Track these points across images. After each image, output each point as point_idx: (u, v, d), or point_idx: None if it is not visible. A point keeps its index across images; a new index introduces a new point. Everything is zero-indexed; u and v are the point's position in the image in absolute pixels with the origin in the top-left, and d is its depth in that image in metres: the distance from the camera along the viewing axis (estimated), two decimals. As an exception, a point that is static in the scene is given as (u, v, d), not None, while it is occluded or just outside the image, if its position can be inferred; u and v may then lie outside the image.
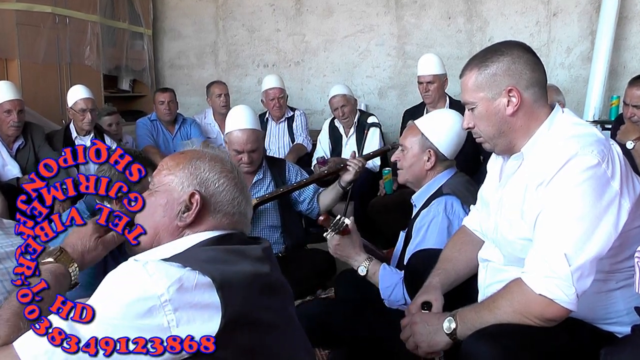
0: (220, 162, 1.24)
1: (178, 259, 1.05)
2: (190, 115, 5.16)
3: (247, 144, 2.79)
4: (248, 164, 2.83)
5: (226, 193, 1.21)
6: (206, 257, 1.07)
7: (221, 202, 1.20)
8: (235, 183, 1.23)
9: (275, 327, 1.11)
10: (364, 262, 1.96)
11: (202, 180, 1.20)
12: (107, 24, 5.24)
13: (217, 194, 1.20)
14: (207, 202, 1.19)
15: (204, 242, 1.15)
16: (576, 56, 5.08)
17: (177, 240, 1.17)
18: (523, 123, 1.50)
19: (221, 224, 1.20)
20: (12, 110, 3.47)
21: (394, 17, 5.54)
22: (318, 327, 2.01)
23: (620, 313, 1.48)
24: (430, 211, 2.03)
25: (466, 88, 1.55)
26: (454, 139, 2.12)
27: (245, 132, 2.79)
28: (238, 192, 1.23)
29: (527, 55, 1.51)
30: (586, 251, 1.34)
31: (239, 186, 1.24)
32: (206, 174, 1.21)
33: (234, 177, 1.23)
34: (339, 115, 4.37)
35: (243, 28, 6.01)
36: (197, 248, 1.13)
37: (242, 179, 1.27)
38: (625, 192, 1.39)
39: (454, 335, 1.46)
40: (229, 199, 1.21)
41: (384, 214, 3.59)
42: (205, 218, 1.19)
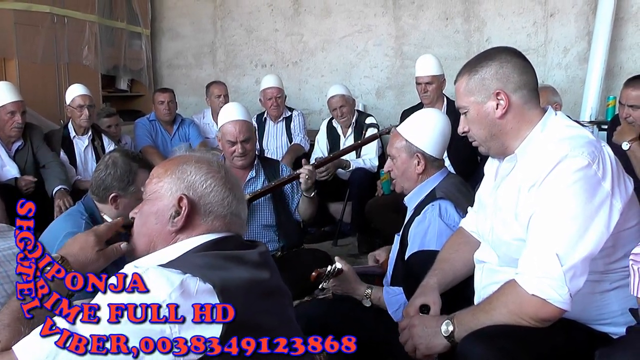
0: (207, 163, 1.24)
1: (175, 265, 1.05)
2: (188, 115, 5.17)
3: (240, 133, 2.83)
4: (241, 154, 2.87)
5: (215, 194, 1.21)
6: (204, 263, 1.08)
7: (210, 203, 1.20)
8: (224, 183, 1.22)
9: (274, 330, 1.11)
10: (365, 293, 1.99)
11: (190, 183, 1.21)
12: (105, 24, 5.24)
13: (205, 195, 1.20)
14: (196, 204, 1.19)
15: (199, 247, 1.16)
16: (573, 57, 5.09)
17: (172, 246, 1.18)
18: (513, 125, 1.53)
19: (214, 227, 1.20)
20: (16, 111, 3.48)
21: (392, 17, 5.55)
22: (316, 328, 2.02)
23: (615, 314, 1.49)
24: (425, 217, 2.03)
25: (458, 93, 1.60)
26: (438, 138, 2.11)
27: (237, 123, 2.85)
28: (227, 191, 1.22)
29: (515, 59, 1.54)
30: (578, 251, 1.36)
31: (228, 185, 1.23)
32: (193, 177, 1.21)
33: (222, 177, 1.23)
34: (337, 116, 4.38)
35: (241, 28, 6.02)
36: (192, 254, 1.14)
37: (232, 178, 1.26)
38: (616, 192, 1.41)
39: (451, 337, 1.47)
40: (219, 199, 1.21)
41: (381, 215, 3.60)
42: (197, 222, 1.19)
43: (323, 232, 4.31)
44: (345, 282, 2.00)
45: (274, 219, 2.97)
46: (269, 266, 1.20)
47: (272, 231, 2.97)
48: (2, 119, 3.47)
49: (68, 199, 3.35)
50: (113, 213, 2.11)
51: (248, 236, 2.86)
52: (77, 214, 2.13)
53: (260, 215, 2.95)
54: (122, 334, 0.95)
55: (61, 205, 3.29)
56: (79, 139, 3.92)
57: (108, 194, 2.07)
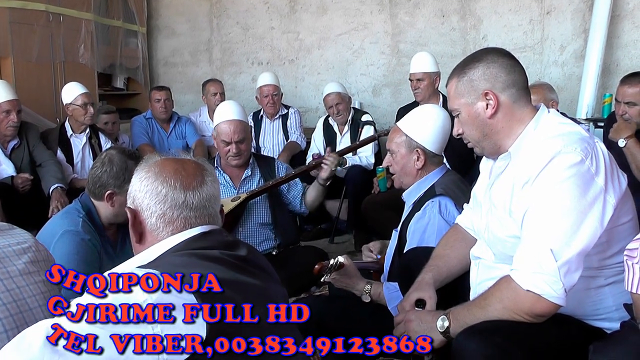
0: (144, 164, 1.22)
1: (153, 266, 1.04)
2: (184, 113, 5.17)
3: (235, 134, 2.83)
4: (236, 154, 2.87)
5: (149, 194, 1.17)
6: (181, 263, 1.06)
7: (148, 205, 1.17)
8: (155, 174, 1.17)
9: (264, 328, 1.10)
10: (364, 288, 2.00)
11: (130, 193, 1.21)
12: (101, 22, 5.24)
13: (141, 199, 1.18)
14: (140, 212, 1.18)
15: (176, 246, 1.13)
16: (569, 54, 5.10)
17: (152, 247, 1.16)
18: (504, 124, 1.54)
19: (176, 227, 1.16)
20: (12, 110, 3.48)
21: (388, 15, 5.55)
22: (312, 324, 2.02)
23: (610, 309, 1.50)
24: (425, 213, 2.04)
25: (449, 96, 1.63)
26: (438, 133, 2.12)
27: (232, 123, 2.85)
28: (163, 184, 1.16)
29: (502, 59, 1.55)
30: (572, 246, 1.36)
31: (162, 176, 1.17)
32: (132, 187, 1.20)
33: (155, 173, 1.18)
34: (334, 113, 4.39)
35: (237, 26, 6.01)
36: (170, 254, 1.12)
37: (169, 170, 1.18)
38: (610, 188, 1.41)
39: (447, 333, 1.48)
40: (154, 198, 1.16)
41: (377, 212, 3.61)
42: (149, 228, 1.17)
43: (319, 230, 4.32)
44: (345, 277, 2.01)
45: (270, 217, 2.97)
46: (249, 271, 1.15)
47: (269, 229, 2.98)
48: (-3, 118, 3.47)
49: (64, 199, 3.35)
50: (109, 211, 2.11)
51: (245, 234, 2.93)
52: (74, 212, 2.13)
53: (257, 214, 2.96)
54: (99, 333, 0.92)
55: (57, 206, 3.29)
56: (76, 137, 3.92)
57: (104, 191, 2.07)
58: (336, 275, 2.00)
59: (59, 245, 2.00)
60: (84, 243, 2.04)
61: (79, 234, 2.04)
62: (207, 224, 1.19)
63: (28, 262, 1.26)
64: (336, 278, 2.01)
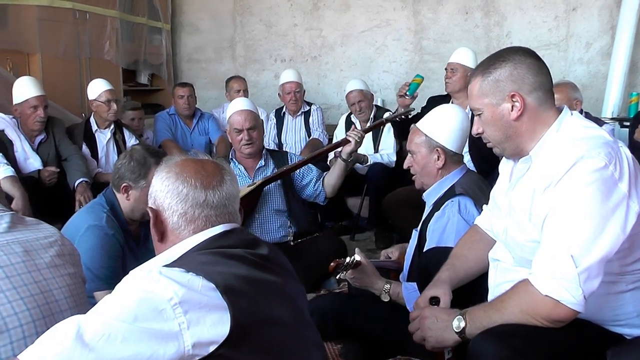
0: (164, 165, 1.24)
1: (178, 264, 1.06)
2: (207, 109, 5.21)
3: (245, 121, 3.02)
4: (248, 142, 3.03)
5: (171, 193, 1.19)
6: (206, 261, 1.08)
7: (170, 204, 1.18)
8: (176, 174, 1.19)
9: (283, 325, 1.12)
10: (383, 288, 1.99)
11: (151, 193, 1.23)
12: (126, 19, 5.31)
13: (164, 199, 1.19)
14: (161, 211, 1.20)
15: (200, 244, 1.15)
16: (595, 51, 5.02)
17: (175, 246, 1.18)
18: (529, 127, 1.51)
19: (197, 226, 1.18)
20: (39, 105, 3.55)
21: (411, 11, 5.52)
22: (330, 321, 2.04)
23: (630, 315, 1.48)
24: (444, 213, 2.03)
25: (472, 95, 1.58)
26: (457, 132, 2.12)
27: (242, 112, 3.05)
28: (184, 184, 1.18)
29: (529, 60, 1.51)
30: (593, 253, 1.33)
31: (183, 176, 1.19)
32: (153, 188, 1.23)
33: (177, 173, 1.20)
34: (356, 110, 4.38)
35: (260, 23, 6.04)
36: (193, 252, 1.13)
37: (191, 169, 1.20)
38: (634, 194, 1.38)
39: (462, 333, 1.47)
40: (175, 197, 1.18)
41: (398, 210, 3.59)
42: (171, 227, 1.19)
43: (340, 227, 4.33)
44: (363, 275, 2.00)
45: (285, 204, 3.08)
46: (270, 269, 1.17)
47: (285, 216, 3.09)
48: (25, 113, 3.54)
49: (88, 193, 3.42)
50: (125, 204, 2.16)
51: (261, 220, 3.05)
52: (98, 207, 2.18)
53: (272, 201, 3.09)
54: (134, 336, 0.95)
55: (82, 200, 3.36)
56: (101, 132, 3.98)
57: (121, 183, 2.14)
58: (353, 273, 2.00)
59: (83, 239, 2.04)
60: (107, 238, 2.08)
61: (102, 228, 2.09)
62: (228, 222, 1.21)
63: (54, 256, 1.30)
64: (354, 277, 2.01)
